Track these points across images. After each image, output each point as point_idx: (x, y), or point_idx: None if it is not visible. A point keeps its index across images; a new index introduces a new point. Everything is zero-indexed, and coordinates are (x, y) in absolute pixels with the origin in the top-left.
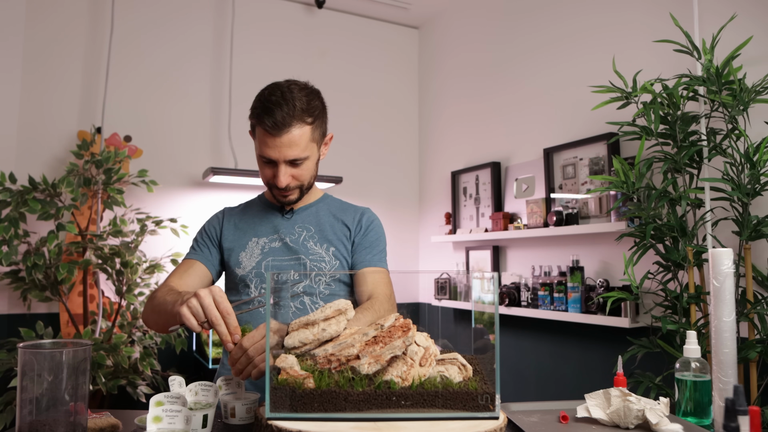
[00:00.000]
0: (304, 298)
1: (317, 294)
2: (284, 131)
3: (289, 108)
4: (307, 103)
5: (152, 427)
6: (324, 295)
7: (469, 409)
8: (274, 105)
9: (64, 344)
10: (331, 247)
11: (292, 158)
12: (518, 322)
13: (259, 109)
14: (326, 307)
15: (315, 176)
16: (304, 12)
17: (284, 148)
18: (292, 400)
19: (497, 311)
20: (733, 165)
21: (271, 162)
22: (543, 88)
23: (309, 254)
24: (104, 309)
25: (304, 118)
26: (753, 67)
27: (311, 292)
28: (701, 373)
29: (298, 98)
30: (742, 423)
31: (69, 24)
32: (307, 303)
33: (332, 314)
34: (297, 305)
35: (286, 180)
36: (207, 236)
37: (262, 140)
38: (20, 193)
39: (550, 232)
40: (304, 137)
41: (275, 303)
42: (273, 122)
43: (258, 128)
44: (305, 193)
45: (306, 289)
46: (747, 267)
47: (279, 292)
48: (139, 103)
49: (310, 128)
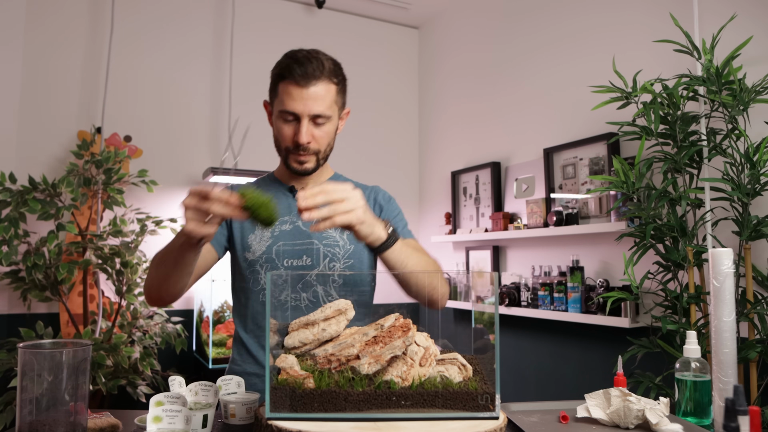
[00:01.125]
0: (317, 288)
1: (330, 283)
2: (312, 83)
3: (318, 63)
4: (333, 65)
5: (152, 427)
6: (338, 285)
7: (469, 409)
8: (304, 59)
9: (64, 344)
10: (346, 230)
11: (317, 113)
12: (518, 322)
13: (285, 63)
14: (326, 307)
15: (331, 148)
16: (304, 12)
17: (310, 101)
18: (292, 400)
19: (497, 311)
20: (733, 165)
21: (292, 120)
22: (543, 88)
23: (322, 238)
24: (104, 309)
25: (332, 78)
26: (753, 67)
27: (324, 281)
28: (701, 373)
29: (325, 59)
30: (742, 423)
31: (69, 24)
32: (320, 293)
33: (332, 314)
34: (310, 297)
35: (308, 136)
36: None
37: (287, 93)
38: (20, 193)
39: (550, 232)
40: (330, 95)
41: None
42: (303, 72)
43: (282, 83)
44: (321, 165)
45: (318, 278)
46: (747, 267)
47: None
48: (139, 103)
49: (335, 89)
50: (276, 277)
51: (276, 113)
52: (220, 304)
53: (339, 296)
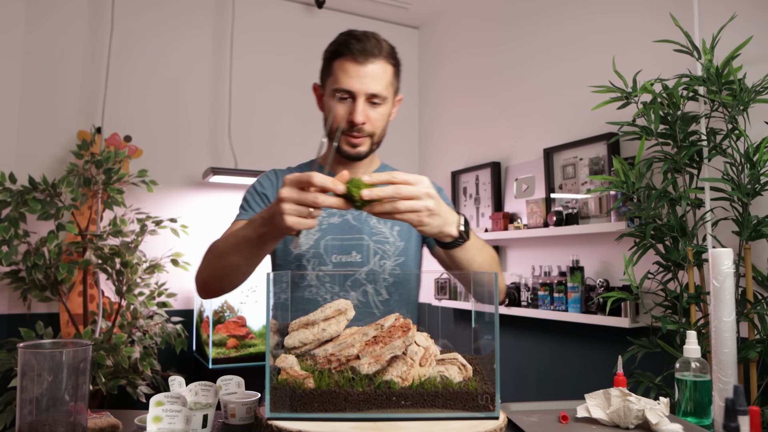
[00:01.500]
0: (367, 287)
1: (380, 282)
2: (371, 60)
3: (376, 42)
4: (391, 48)
5: (152, 427)
6: (388, 283)
7: (469, 409)
8: (362, 36)
9: (64, 344)
10: (396, 225)
11: (374, 92)
12: (518, 322)
13: (342, 39)
14: (326, 307)
15: (384, 134)
16: (304, 12)
17: (368, 79)
18: (292, 400)
19: (497, 311)
20: (733, 165)
21: (347, 98)
22: (543, 88)
23: (372, 234)
24: (104, 309)
25: (389, 59)
26: (753, 67)
27: (374, 279)
28: (701, 373)
29: (382, 40)
30: (742, 423)
31: (69, 24)
32: (370, 293)
33: (332, 314)
34: (360, 297)
35: (363, 116)
36: (259, 197)
37: (343, 71)
38: (20, 193)
39: (550, 232)
40: (387, 75)
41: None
42: (362, 48)
43: (338, 60)
44: (373, 150)
45: (368, 276)
46: (747, 267)
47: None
48: (139, 103)
49: (392, 70)
50: (277, 277)
51: (329, 92)
52: (220, 304)
53: (389, 296)
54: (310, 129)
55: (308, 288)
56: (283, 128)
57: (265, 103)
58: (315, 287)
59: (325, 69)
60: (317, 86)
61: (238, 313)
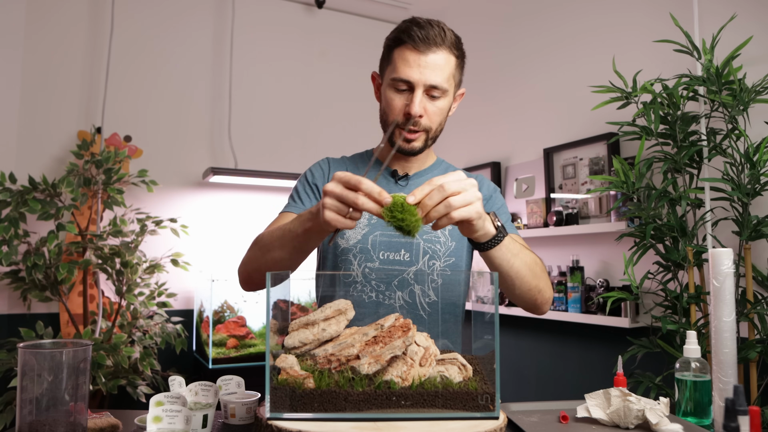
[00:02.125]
0: (414, 287)
1: (428, 283)
2: (433, 49)
3: (440, 31)
4: (455, 37)
5: (152, 427)
6: (437, 284)
7: (469, 409)
8: (425, 23)
9: (64, 344)
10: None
11: (434, 83)
12: (518, 322)
13: (404, 26)
14: (326, 307)
15: (442, 129)
16: (304, 12)
17: (428, 69)
18: (292, 400)
19: (497, 311)
20: (733, 165)
21: (405, 89)
22: (543, 88)
23: (422, 233)
24: (104, 309)
25: (453, 49)
26: (753, 67)
27: (422, 280)
28: (701, 373)
29: (447, 29)
30: (742, 423)
31: (69, 24)
32: (417, 293)
33: (332, 314)
34: (406, 298)
35: (420, 108)
36: (310, 188)
37: (403, 59)
38: (20, 193)
39: (550, 232)
40: (449, 67)
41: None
42: (425, 35)
43: (399, 48)
44: (429, 146)
45: (416, 276)
46: (747, 267)
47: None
48: (139, 103)
49: (455, 62)
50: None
51: (387, 82)
52: (220, 304)
53: (437, 297)
54: (310, 129)
55: (353, 285)
56: (283, 128)
57: (265, 103)
58: (360, 284)
59: (384, 57)
60: (376, 75)
61: (238, 313)
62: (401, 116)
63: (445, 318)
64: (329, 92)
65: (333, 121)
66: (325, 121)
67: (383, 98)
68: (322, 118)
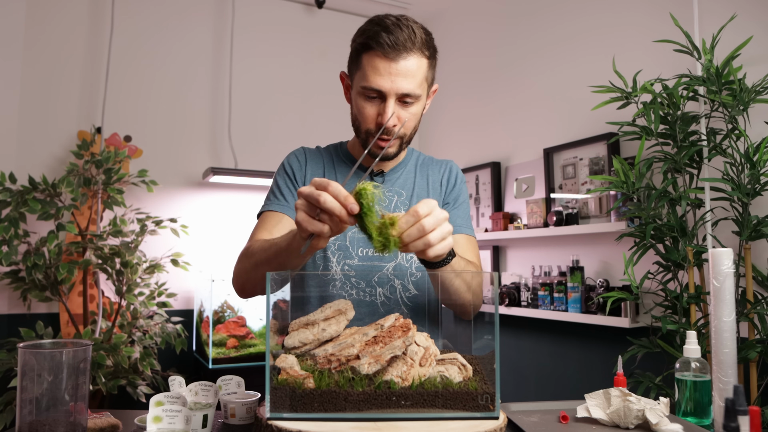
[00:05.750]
0: (394, 282)
1: (408, 277)
2: (402, 56)
3: (410, 33)
4: (425, 35)
5: (152, 427)
6: (416, 278)
7: (469, 409)
8: (393, 26)
9: (64, 344)
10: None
11: (406, 92)
12: (518, 322)
13: (372, 30)
14: (326, 307)
15: (416, 130)
16: (304, 12)
17: (399, 77)
18: (292, 400)
19: (497, 311)
20: (733, 165)
21: (375, 98)
22: (543, 88)
23: None
24: (104, 309)
25: (423, 50)
26: (753, 67)
27: (402, 275)
28: (701, 373)
29: (416, 28)
30: (742, 423)
31: (69, 24)
32: (398, 288)
33: (332, 314)
34: (387, 293)
35: (394, 119)
36: (290, 181)
37: (372, 67)
38: (20, 193)
39: (550, 232)
40: (421, 71)
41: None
42: (394, 41)
43: (367, 54)
44: (403, 149)
45: (396, 270)
46: (747, 267)
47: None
48: (139, 103)
49: (427, 63)
50: (276, 276)
51: (357, 89)
52: (220, 304)
53: (417, 291)
54: (310, 129)
55: (333, 282)
56: (283, 128)
57: (265, 103)
58: (340, 281)
59: (352, 61)
60: (344, 75)
61: (238, 313)
62: (373, 125)
63: (431, 311)
64: (329, 93)
65: (333, 121)
66: (325, 121)
67: (354, 105)
68: (322, 117)
